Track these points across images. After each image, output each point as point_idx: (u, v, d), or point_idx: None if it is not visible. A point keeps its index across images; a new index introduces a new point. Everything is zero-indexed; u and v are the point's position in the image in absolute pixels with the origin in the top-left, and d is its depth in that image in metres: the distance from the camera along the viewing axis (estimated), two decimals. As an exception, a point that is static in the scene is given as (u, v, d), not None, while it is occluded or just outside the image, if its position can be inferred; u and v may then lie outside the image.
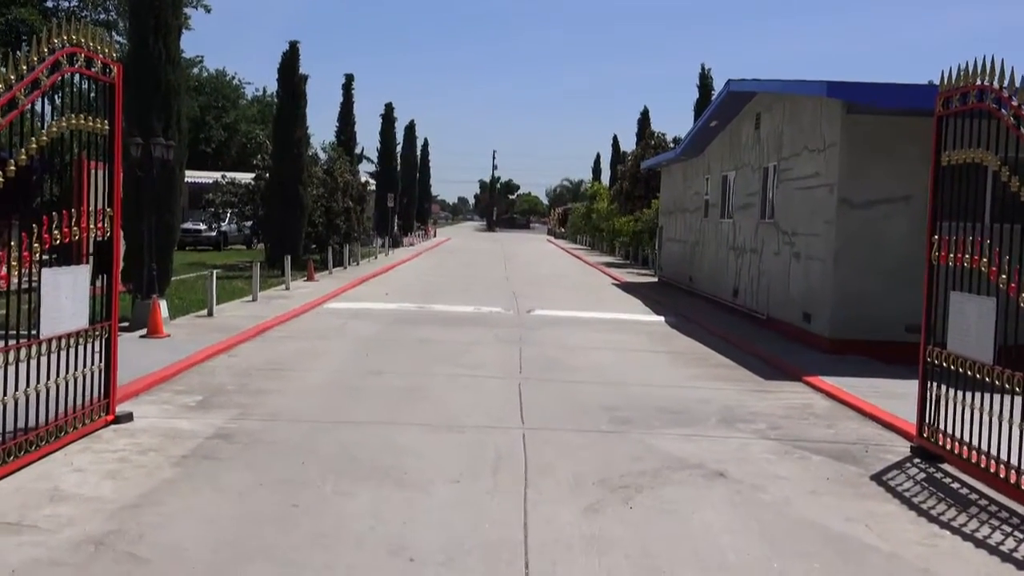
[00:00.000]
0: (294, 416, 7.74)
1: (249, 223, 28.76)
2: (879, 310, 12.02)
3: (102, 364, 7.06)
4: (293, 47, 24.67)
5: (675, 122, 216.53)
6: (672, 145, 34.40)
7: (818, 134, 13.14)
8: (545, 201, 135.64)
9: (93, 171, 6.93)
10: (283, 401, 8.35)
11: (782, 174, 14.82)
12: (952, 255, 6.72)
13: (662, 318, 16.65)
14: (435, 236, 62.40)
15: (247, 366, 10.12)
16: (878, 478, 6.48)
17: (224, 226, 32.92)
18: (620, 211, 38.14)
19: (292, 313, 14.91)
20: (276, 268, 22.45)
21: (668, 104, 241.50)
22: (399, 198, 48.13)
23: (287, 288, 18.89)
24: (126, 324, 12.09)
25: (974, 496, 6.09)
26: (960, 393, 6.59)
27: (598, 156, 79.12)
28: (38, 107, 6.55)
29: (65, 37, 6.32)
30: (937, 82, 7.03)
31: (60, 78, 6.29)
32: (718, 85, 34.27)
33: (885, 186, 12.13)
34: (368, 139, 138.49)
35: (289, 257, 20.01)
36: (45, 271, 6.15)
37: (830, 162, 12.62)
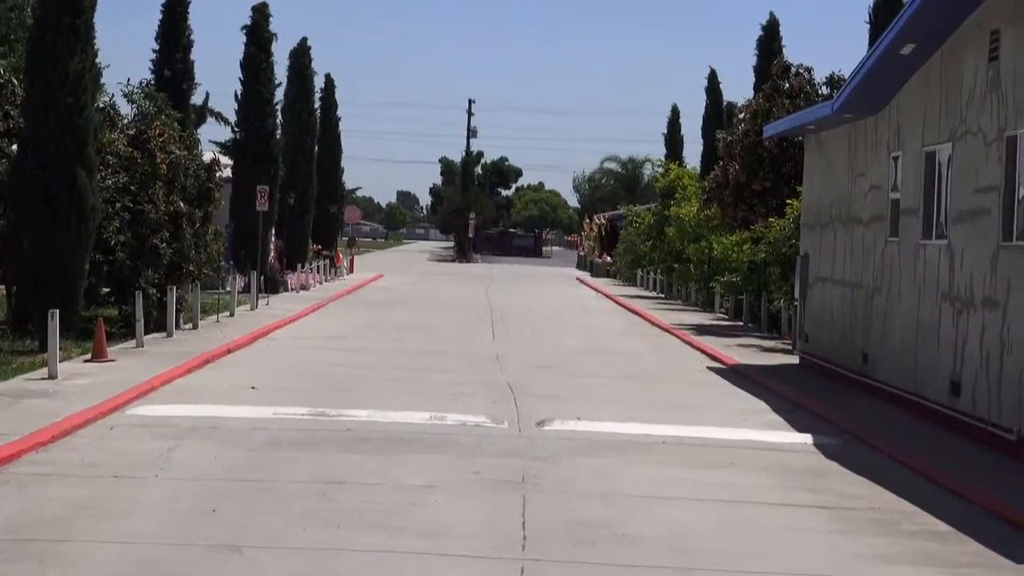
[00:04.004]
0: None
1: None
2: None
3: None
4: None
5: (829, 48, 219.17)
6: (825, 91, 34.73)
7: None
8: (572, 202, 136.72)
9: None
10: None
11: (1045, 150, 15.00)
12: None
13: (809, 437, 16.69)
14: (352, 271, 62.59)
15: (-29, 535, 10.11)
16: None
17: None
18: (723, 221, 38.26)
19: (64, 427, 14.90)
20: (29, 336, 22.41)
21: (815, 13, 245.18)
22: (281, 194, 48.43)
23: (52, 376, 18.88)
24: None
25: None
26: None
27: (675, 111, 77.82)
28: None
29: None
30: None
31: None
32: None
33: None
34: (220, 79, 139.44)
35: (57, 313, 20.02)
36: None
37: None
